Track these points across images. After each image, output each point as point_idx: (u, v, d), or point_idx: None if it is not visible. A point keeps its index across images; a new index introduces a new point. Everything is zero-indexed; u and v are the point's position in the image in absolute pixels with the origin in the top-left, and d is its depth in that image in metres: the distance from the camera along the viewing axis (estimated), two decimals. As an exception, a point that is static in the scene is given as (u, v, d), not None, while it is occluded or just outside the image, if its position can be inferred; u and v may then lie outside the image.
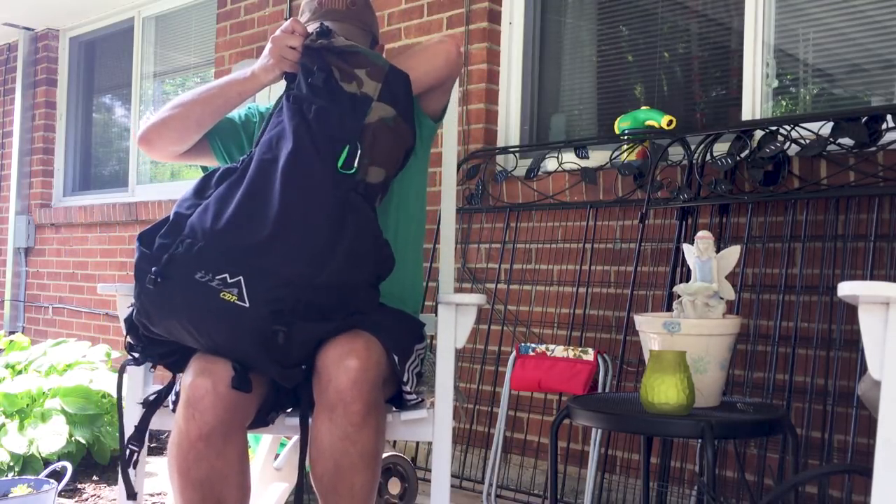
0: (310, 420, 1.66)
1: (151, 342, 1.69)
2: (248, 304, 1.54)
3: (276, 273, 1.57)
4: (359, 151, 1.65)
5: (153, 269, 1.58)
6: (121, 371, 1.78)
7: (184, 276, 1.57)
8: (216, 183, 1.66)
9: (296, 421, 1.75)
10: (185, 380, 1.61)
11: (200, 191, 1.67)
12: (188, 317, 1.57)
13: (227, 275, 1.55)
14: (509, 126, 3.45)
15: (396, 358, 1.70)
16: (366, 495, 1.64)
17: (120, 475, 1.74)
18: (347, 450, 1.60)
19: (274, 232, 1.58)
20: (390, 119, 1.70)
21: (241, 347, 1.58)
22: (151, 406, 1.73)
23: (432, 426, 1.77)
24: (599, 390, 2.57)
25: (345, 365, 1.58)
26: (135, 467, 1.73)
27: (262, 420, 1.73)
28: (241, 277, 1.55)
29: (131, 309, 1.67)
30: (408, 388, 1.74)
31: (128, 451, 1.71)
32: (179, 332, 1.61)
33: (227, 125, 1.97)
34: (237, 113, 2.00)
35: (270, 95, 2.36)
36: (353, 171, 1.64)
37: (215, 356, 1.62)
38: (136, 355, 1.71)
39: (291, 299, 1.57)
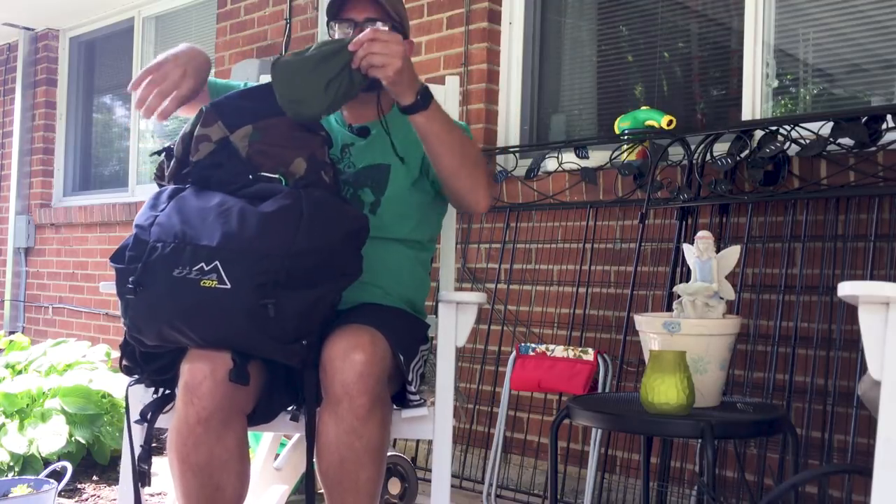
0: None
1: (147, 359, 1.68)
2: (229, 285, 1.54)
3: (250, 250, 1.57)
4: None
5: (130, 278, 1.59)
6: (127, 392, 1.78)
7: (162, 277, 1.57)
8: (168, 198, 1.69)
9: (296, 422, 1.75)
10: (185, 365, 1.61)
11: (155, 206, 1.69)
12: (176, 315, 1.56)
13: (202, 264, 1.56)
14: (509, 126, 3.45)
15: (402, 357, 1.70)
16: (371, 490, 1.64)
17: (128, 486, 1.74)
18: (353, 444, 1.60)
19: (239, 221, 1.60)
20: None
21: (235, 332, 1.57)
22: (152, 421, 1.72)
23: (433, 424, 1.77)
24: (599, 390, 2.57)
25: (351, 359, 1.59)
26: (147, 485, 1.73)
27: (264, 416, 1.72)
28: (217, 262, 1.55)
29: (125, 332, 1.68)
30: (412, 389, 1.75)
31: (138, 469, 1.71)
32: (172, 335, 1.60)
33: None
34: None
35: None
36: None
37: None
38: (136, 376, 1.72)
39: (272, 271, 1.56)
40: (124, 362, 1.70)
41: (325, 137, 1.75)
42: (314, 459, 1.67)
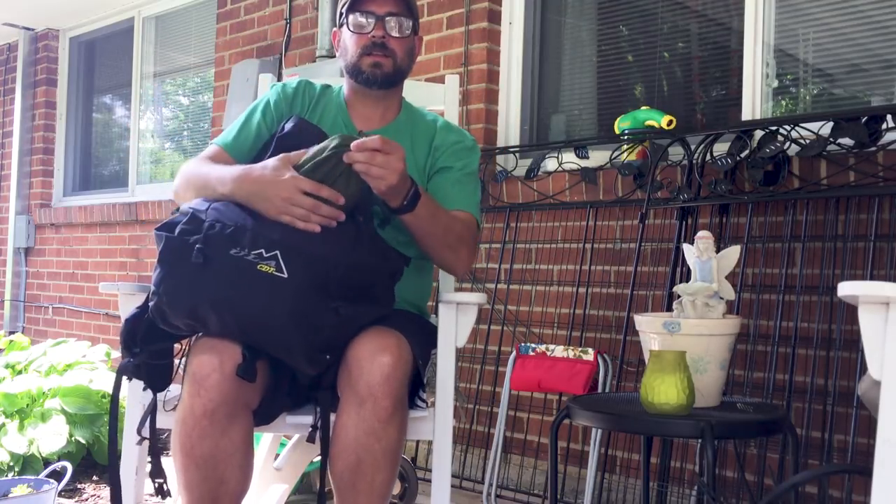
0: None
1: (147, 339, 1.64)
2: (286, 275, 1.54)
3: (310, 252, 1.57)
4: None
5: (195, 245, 1.55)
6: (117, 378, 1.70)
7: (218, 253, 1.55)
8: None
9: (297, 419, 1.75)
10: (192, 357, 1.60)
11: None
12: (223, 291, 1.54)
13: (262, 249, 1.55)
14: (509, 126, 3.45)
15: (420, 361, 1.71)
16: (384, 493, 1.64)
17: (128, 486, 1.74)
18: (372, 446, 1.60)
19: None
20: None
21: (276, 321, 1.55)
22: (152, 431, 1.71)
23: (433, 424, 1.77)
24: (599, 390, 2.57)
25: (378, 360, 1.59)
26: (164, 497, 1.72)
27: (264, 416, 1.71)
28: (277, 251, 1.55)
29: (136, 310, 1.66)
30: (423, 396, 1.77)
31: (155, 484, 1.70)
32: (205, 313, 1.56)
33: (245, 145, 1.94)
34: (253, 128, 1.95)
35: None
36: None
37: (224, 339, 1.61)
38: (132, 358, 1.65)
39: (328, 275, 1.57)
40: (123, 337, 1.66)
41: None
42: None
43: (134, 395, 1.81)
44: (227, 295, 1.55)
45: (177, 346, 1.72)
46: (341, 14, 1.95)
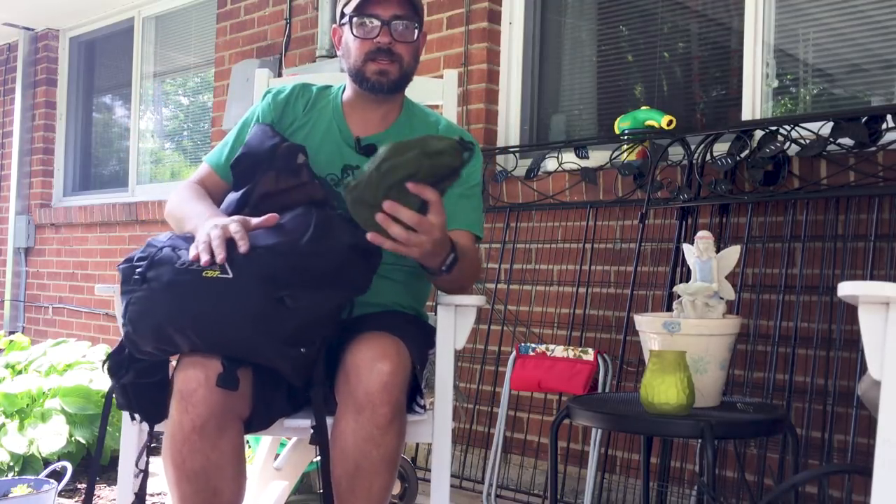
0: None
1: (134, 357, 1.63)
2: (231, 275, 1.51)
3: (256, 247, 1.55)
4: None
5: (137, 270, 1.57)
6: (107, 399, 1.72)
7: (166, 272, 1.55)
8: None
9: (296, 423, 1.74)
10: (178, 373, 1.58)
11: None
12: (175, 305, 1.53)
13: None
14: (509, 126, 3.45)
15: (418, 366, 1.70)
16: (382, 498, 1.64)
17: (128, 487, 1.74)
18: (370, 452, 1.59)
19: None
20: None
21: (232, 324, 1.52)
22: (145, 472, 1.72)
23: (432, 427, 1.77)
24: (599, 390, 2.57)
25: (377, 367, 1.57)
26: None
27: (261, 423, 1.70)
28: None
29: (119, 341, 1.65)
30: (421, 402, 1.75)
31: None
32: (169, 333, 1.55)
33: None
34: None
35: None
36: None
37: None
38: (123, 372, 1.65)
39: (276, 265, 1.53)
40: (108, 364, 1.66)
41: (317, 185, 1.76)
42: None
43: (128, 433, 1.81)
44: (181, 309, 1.53)
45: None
46: (343, 14, 1.89)
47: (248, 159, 1.81)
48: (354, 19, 1.84)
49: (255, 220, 1.62)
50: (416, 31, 1.89)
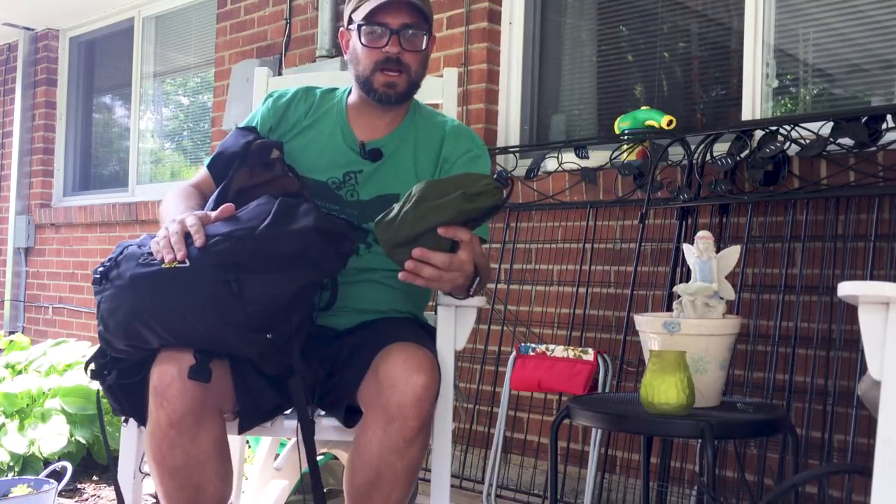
0: (312, 417, 1.63)
1: (116, 359, 1.64)
2: (188, 263, 1.51)
3: (214, 235, 1.55)
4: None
5: (100, 270, 1.59)
6: (98, 397, 1.74)
7: (128, 269, 1.56)
8: None
9: (294, 423, 1.74)
10: (153, 368, 1.57)
11: None
12: (139, 302, 1.53)
13: None
14: (509, 126, 3.45)
15: None
16: None
17: (127, 487, 1.74)
18: (394, 463, 1.58)
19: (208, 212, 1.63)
20: None
21: (189, 309, 1.51)
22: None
23: (432, 427, 1.77)
24: (599, 390, 2.57)
25: (413, 380, 1.56)
26: None
27: (254, 417, 1.69)
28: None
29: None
30: None
31: None
32: (138, 329, 1.55)
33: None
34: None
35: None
36: None
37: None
38: (106, 373, 1.65)
39: (234, 250, 1.53)
40: (91, 366, 1.65)
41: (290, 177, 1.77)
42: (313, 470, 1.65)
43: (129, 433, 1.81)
44: (143, 303, 1.53)
45: None
46: (351, 19, 1.86)
47: (223, 158, 1.82)
48: (363, 27, 1.82)
49: (213, 213, 1.63)
50: (426, 39, 1.86)
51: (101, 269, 1.61)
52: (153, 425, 1.57)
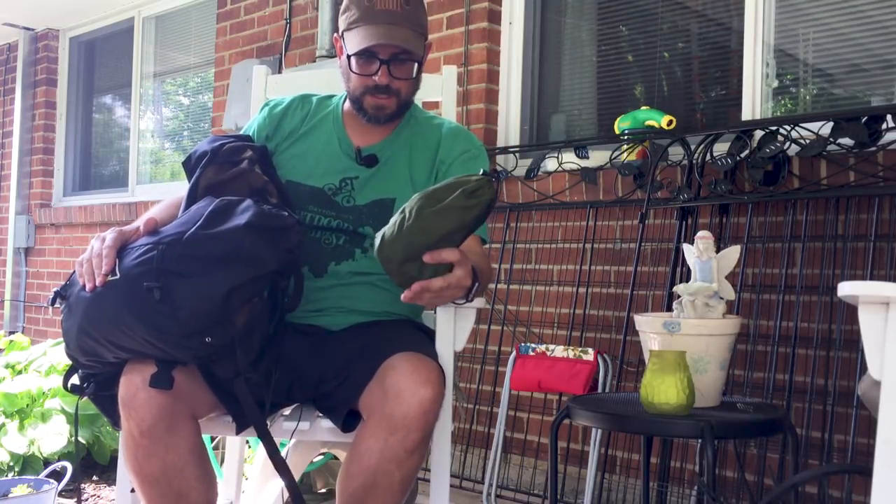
0: (298, 412, 1.64)
1: (91, 374, 1.66)
2: (118, 275, 1.52)
3: (144, 244, 1.56)
4: None
5: (55, 290, 1.61)
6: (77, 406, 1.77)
7: (77, 285, 1.58)
8: None
9: (293, 425, 1.74)
10: (121, 380, 1.58)
11: None
12: (83, 318, 1.54)
13: None
14: (509, 126, 3.45)
15: None
16: None
17: (126, 487, 1.74)
18: (392, 472, 1.58)
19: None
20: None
21: (124, 321, 1.51)
22: None
23: (432, 427, 1.77)
24: (599, 390, 2.57)
25: (420, 393, 1.56)
26: None
27: (245, 418, 1.68)
28: (115, 260, 1.56)
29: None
30: None
31: None
32: (90, 345, 1.56)
33: None
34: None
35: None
36: None
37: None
38: (85, 385, 1.66)
39: (161, 256, 1.52)
40: (71, 382, 1.66)
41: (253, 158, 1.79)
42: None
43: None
44: (86, 319, 1.54)
45: None
46: (343, 34, 1.85)
47: (196, 156, 1.83)
48: (353, 58, 1.82)
49: (142, 228, 1.63)
50: (416, 68, 1.85)
51: (55, 289, 1.64)
52: (125, 436, 1.57)
